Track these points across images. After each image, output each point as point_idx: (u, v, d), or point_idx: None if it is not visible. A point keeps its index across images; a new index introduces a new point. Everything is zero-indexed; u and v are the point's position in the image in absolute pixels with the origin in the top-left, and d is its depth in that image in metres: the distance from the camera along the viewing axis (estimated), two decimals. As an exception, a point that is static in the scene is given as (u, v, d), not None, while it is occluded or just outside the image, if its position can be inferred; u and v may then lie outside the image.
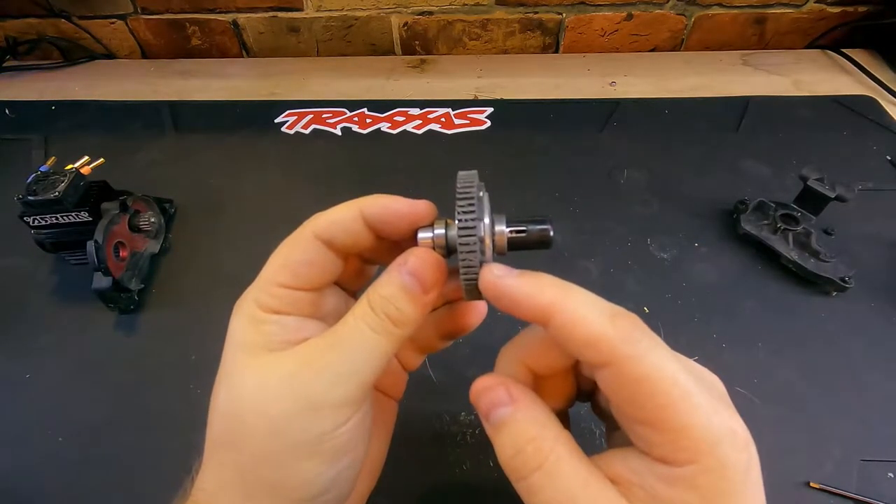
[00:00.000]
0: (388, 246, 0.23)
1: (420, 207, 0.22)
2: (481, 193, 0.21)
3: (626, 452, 0.19)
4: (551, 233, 0.21)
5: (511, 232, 0.21)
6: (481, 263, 0.20)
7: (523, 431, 0.19)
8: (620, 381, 0.18)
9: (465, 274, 0.20)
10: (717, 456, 0.17)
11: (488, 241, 0.21)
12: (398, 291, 0.20)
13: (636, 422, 0.18)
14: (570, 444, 0.19)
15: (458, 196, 0.20)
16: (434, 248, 0.22)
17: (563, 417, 0.24)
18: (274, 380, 0.19)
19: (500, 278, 0.20)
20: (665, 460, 0.17)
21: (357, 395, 0.20)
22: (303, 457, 0.19)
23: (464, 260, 0.20)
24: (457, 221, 0.20)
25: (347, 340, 0.20)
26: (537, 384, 0.22)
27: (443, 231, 0.22)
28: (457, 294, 0.22)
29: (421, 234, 0.22)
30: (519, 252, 0.21)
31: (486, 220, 0.21)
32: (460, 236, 0.20)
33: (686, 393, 0.17)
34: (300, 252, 0.21)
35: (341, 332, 0.20)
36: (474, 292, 0.21)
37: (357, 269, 0.25)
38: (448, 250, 0.22)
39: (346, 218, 0.21)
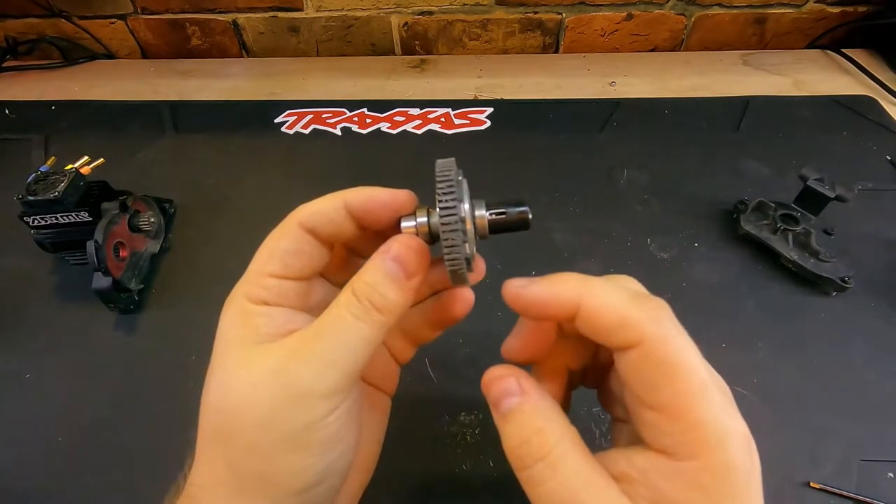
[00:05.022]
0: (374, 237, 0.23)
1: (402, 196, 0.22)
2: (460, 178, 0.21)
3: (630, 451, 0.19)
4: (530, 214, 0.22)
5: (491, 214, 0.22)
6: (464, 244, 0.20)
7: (530, 422, 0.19)
8: (644, 362, 0.18)
9: (449, 255, 0.20)
10: (723, 454, 0.17)
11: (469, 225, 0.21)
12: (382, 278, 0.20)
13: (650, 407, 0.18)
14: (576, 440, 0.19)
15: (437, 180, 0.21)
16: (417, 236, 0.22)
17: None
18: (261, 372, 0.19)
19: (523, 288, 0.20)
20: (669, 452, 0.17)
21: (344, 384, 0.20)
22: (292, 448, 0.19)
23: (447, 240, 0.20)
24: (438, 204, 0.20)
25: (332, 329, 0.20)
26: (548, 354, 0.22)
27: (425, 219, 0.22)
28: (443, 283, 0.22)
29: (404, 223, 0.22)
30: (520, 252, 0.22)
31: (467, 205, 0.21)
32: (442, 218, 0.20)
33: (704, 386, 0.17)
34: (287, 241, 0.22)
35: (326, 321, 0.20)
36: (459, 277, 0.21)
37: (343, 260, 0.25)
38: (431, 237, 0.22)
39: (329, 207, 0.22)
